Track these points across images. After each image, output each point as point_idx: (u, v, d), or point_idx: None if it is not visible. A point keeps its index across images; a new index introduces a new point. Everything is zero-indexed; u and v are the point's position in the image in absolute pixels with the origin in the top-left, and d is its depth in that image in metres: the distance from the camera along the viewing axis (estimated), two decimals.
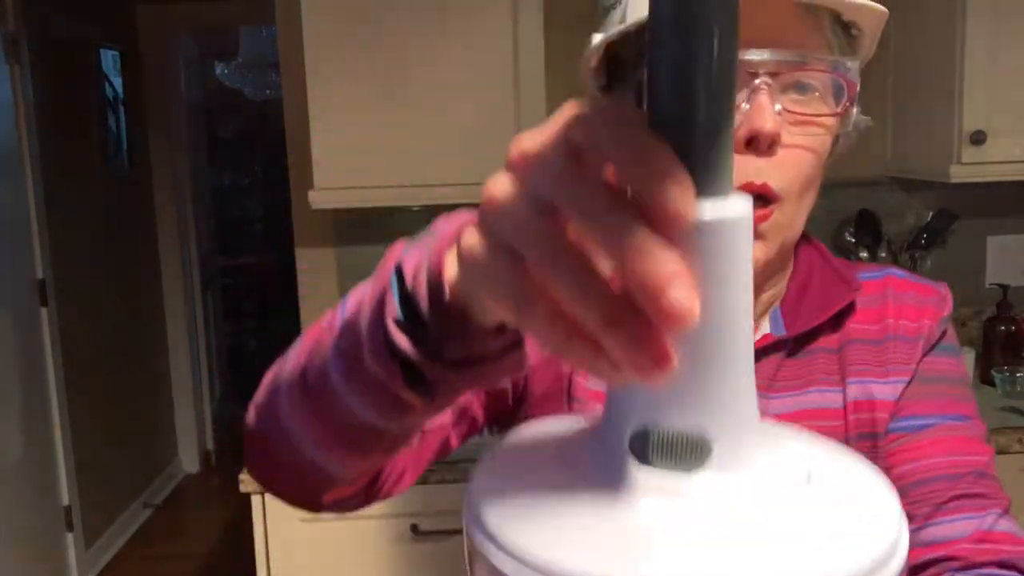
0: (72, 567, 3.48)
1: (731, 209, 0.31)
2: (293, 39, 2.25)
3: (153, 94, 4.46)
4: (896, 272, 0.85)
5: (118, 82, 4.12)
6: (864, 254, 2.32)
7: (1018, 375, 2.07)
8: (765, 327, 0.80)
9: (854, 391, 0.79)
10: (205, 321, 4.94)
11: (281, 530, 1.83)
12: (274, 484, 0.66)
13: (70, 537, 3.47)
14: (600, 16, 0.77)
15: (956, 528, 0.73)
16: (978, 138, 1.98)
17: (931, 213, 2.32)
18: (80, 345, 3.60)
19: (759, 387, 0.76)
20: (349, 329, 0.49)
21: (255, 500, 1.83)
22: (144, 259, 4.43)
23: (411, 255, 0.45)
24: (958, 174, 2.02)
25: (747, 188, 0.69)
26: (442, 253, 0.42)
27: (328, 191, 2.03)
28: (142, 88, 4.39)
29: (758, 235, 0.71)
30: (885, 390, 0.79)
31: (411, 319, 0.43)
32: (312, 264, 2.48)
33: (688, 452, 0.32)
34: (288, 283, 2.79)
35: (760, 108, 0.67)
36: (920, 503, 0.75)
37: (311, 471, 0.59)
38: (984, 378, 2.17)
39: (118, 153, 4.11)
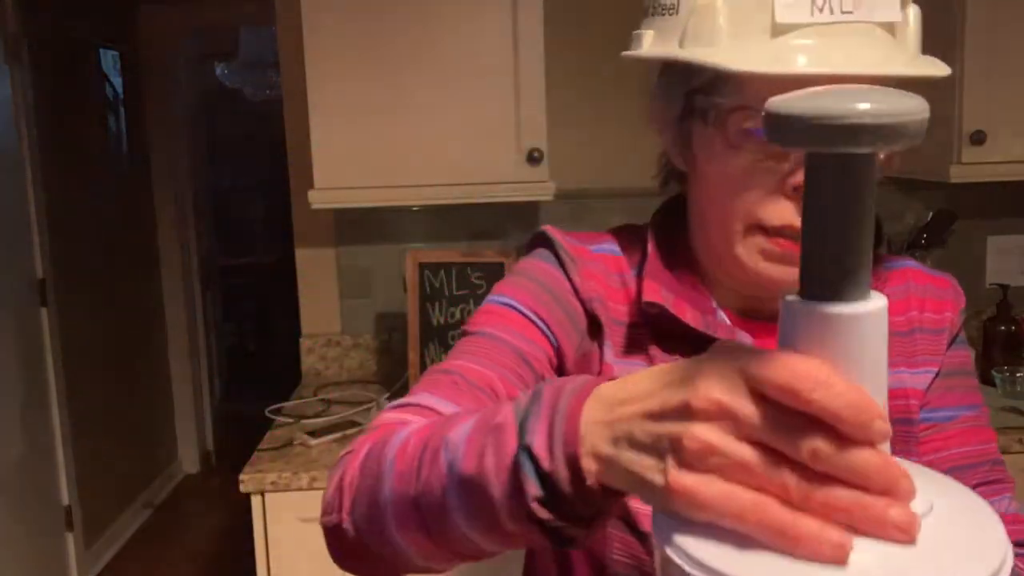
0: (72, 567, 3.48)
1: (872, 305, 0.41)
2: (293, 39, 2.25)
3: (153, 94, 4.46)
4: (911, 264, 0.90)
5: (118, 82, 4.12)
6: None
7: (1018, 375, 2.07)
8: None
9: (889, 380, 0.82)
10: (205, 321, 4.93)
11: (281, 530, 1.83)
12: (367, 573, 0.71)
13: (70, 537, 3.47)
14: (652, 12, 0.79)
15: None
16: (978, 138, 1.98)
17: (931, 213, 2.31)
18: (80, 345, 3.60)
19: None
20: (475, 490, 0.54)
21: (255, 500, 1.83)
22: (144, 259, 4.42)
23: (535, 432, 0.51)
24: (958, 174, 2.02)
25: (793, 229, 0.75)
26: (574, 439, 0.48)
27: (328, 191, 2.03)
28: (142, 88, 4.39)
29: (795, 261, 0.76)
30: (916, 379, 0.85)
31: (549, 494, 0.50)
32: (312, 264, 2.49)
33: None
34: (288, 283, 2.79)
35: None
36: None
37: (413, 570, 0.66)
38: (984, 378, 2.17)
39: (118, 153, 4.11)
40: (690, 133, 0.79)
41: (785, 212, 0.75)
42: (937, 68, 0.75)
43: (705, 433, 0.40)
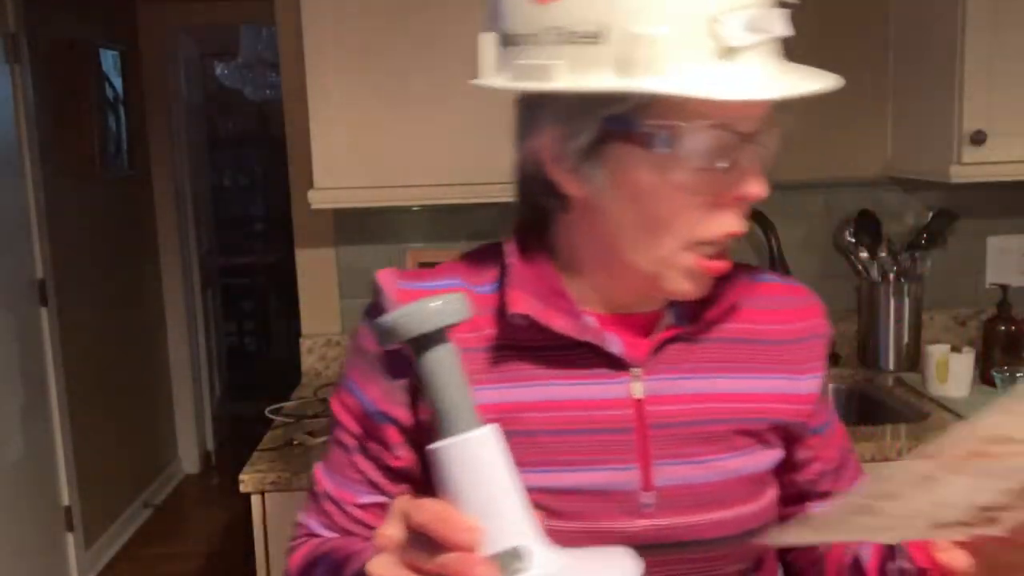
0: (72, 567, 3.48)
1: (477, 435, 0.61)
2: (293, 39, 2.25)
3: (153, 94, 4.46)
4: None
5: (118, 82, 4.12)
6: (864, 254, 2.32)
7: (1018, 375, 2.07)
8: None
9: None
10: (205, 321, 4.93)
11: (281, 530, 1.83)
12: None
13: (70, 537, 3.47)
14: (552, 41, 0.74)
15: None
16: (978, 138, 1.98)
17: (931, 213, 2.31)
18: (80, 345, 3.60)
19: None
20: None
21: (255, 500, 1.83)
22: (144, 259, 4.43)
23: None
24: (958, 174, 2.02)
25: (730, 236, 0.78)
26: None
27: (328, 191, 2.03)
28: (142, 88, 4.39)
29: (726, 250, 0.80)
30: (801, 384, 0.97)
31: None
32: (312, 264, 2.48)
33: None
34: (288, 283, 2.79)
35: (755, 175, 0.75)
36: None
37: None
38: (984, 378, 2.17)
39: (118, 153, 4.11)
40: (600, 158, 0.75)
41: (726, 221, 0.76)
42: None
43: (376, 566, 0.62)
